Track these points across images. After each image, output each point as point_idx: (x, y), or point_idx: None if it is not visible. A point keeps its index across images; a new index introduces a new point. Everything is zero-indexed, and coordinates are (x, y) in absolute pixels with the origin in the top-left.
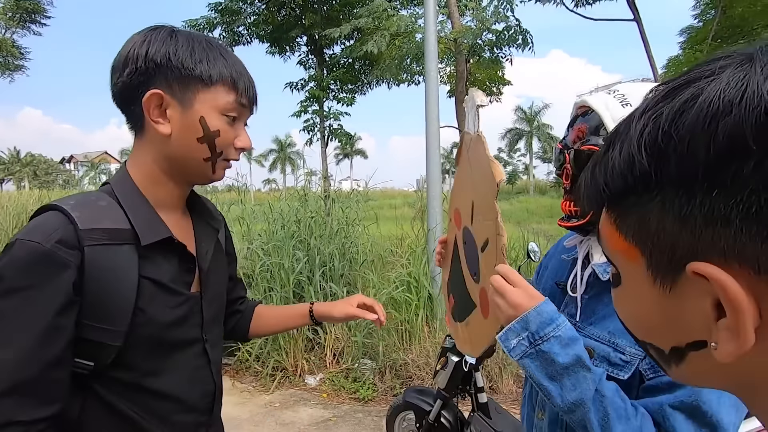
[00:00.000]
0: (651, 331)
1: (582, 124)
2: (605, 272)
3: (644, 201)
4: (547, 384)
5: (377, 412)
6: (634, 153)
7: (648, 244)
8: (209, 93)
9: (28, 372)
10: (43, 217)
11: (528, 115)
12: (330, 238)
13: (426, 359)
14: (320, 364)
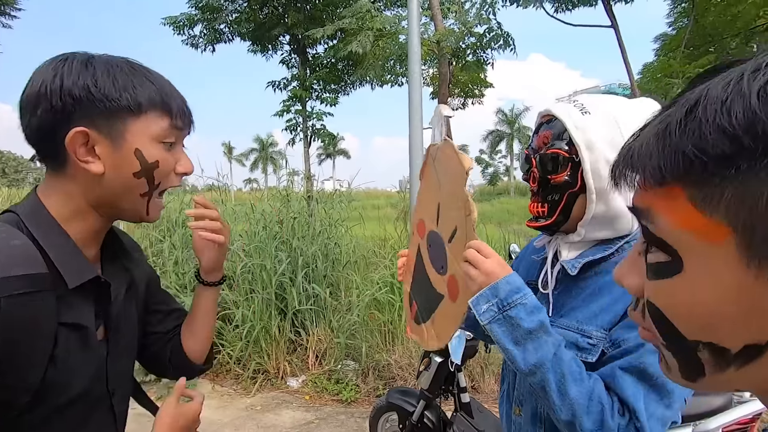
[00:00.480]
0: (718, 326)
1: (547, 130)
2: (573, 267)
3: (753, 168)
4: (511, 348)
5: (360, 413)
6: (755, 109)
7: (747, 220)
8: (140, 122)
9: None
10: None
11: (509, 118)
12: (313, 239)
13: (409, 360)
14: (302, 366)
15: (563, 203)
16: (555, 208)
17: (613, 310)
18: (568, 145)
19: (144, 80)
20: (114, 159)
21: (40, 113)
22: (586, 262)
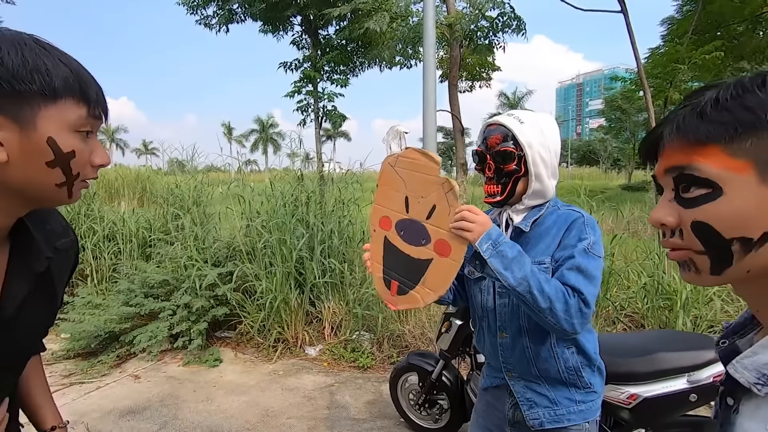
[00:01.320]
0: (747, 224)
1: (496, 134)
2: (526, 226)
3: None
4: (503, 271)
5: (376, 378)
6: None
7: (760, 157)
8: (55, 108)
9: None
10: None
11: (511, 101)
12: (326, 217)
13: (421, 330)
14: (318, 337)
15: (510, 185)
16: (505, 188)
17: (552, 245)
18: (514, 144)
19: (58, 62)
20: (22, 146)
21: None
22: (533, 220)
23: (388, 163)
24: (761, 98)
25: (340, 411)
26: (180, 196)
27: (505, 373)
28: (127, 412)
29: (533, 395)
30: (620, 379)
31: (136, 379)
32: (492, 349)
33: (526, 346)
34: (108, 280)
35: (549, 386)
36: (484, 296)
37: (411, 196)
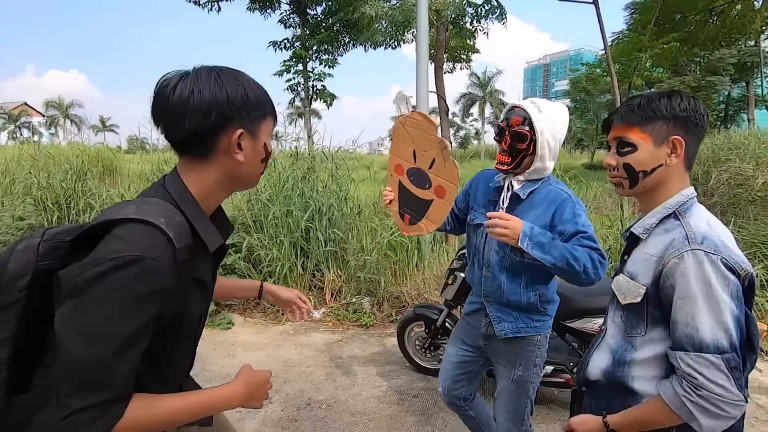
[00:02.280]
0: (648, 162)
1: (518, 116)
2: (524, 193)
3: (661, 115)
4: (544, 256)
5: (378, 334)
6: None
7: (655, 133)
8: (266, 123)
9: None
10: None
11: (481, 81)
12: (325, 191)
13: (417, 291)
14: (321, 302)
15: (519, 159)
16: (514, 160)
17: (543, 217)
18: (530, 129)
19: (264, 92)
20: (252, 151)
21: (214, 117)
22: (530, 190)
23: (399, 122)
24: (659, 105)
25: (351, 360)
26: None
27: (484, 298)
28: None
29: (502, 314)
30: (593, 313)
31: None
32: (477, 279)
33: (502, 281)
34: None
35: (514, 310)
36: (478, 239)
37: (417, 150)
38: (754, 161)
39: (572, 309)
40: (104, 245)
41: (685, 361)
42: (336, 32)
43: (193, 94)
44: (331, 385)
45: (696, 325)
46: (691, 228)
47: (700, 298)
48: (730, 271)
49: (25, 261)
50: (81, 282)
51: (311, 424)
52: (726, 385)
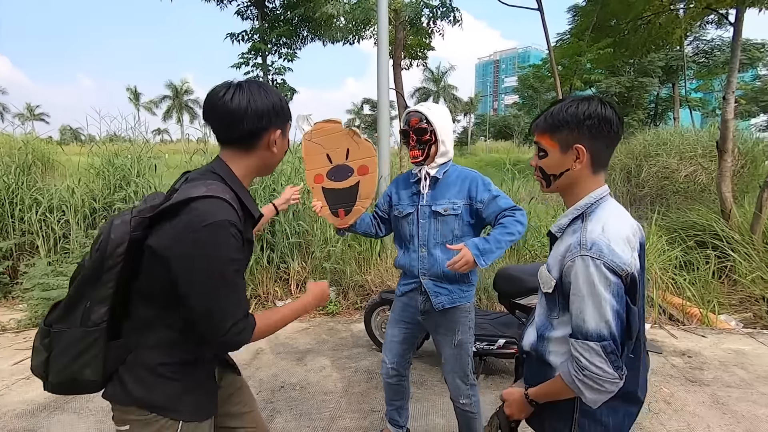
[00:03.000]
0: (556, 167)
1: (415, 117)
2: (441, 174)
3: (565, 127)
4: (497, 253)
5: (344, 321)
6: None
7: (562, 141)
8: (288, 125)
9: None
10: (218, 205)
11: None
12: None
13: (381, 279)
14: (287, 293)
15: (427, 149)
16: (424, 151)
17: (461, 193)
18: (427, 123)
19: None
20: (281, 146)
21: (264, 121)
22: (444, 171)
23: (306, 139)
24: (566, 114)
25: (320, 345)
26: (120, 167)
27: (420, 276)
28: None
29: (438, 289)
30: (533, 292)
31: None
32: (412, 261)
33: (436, 256)
34: (60, 251)
35: (447, 283)
36: (411, 227)
37: (330, 151)
38: (678, 156)
39: (521, 288)
40: (189, 215)
41: (575, 347)
42: (295, 26)
43: (249, 103)
44: (303, 369)
45: (583, 317)
46: (585, 233)
47: (586, 296)
48: (612, 272)
49: (122, 232)
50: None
51: (286, 405)
52: (603, 366)
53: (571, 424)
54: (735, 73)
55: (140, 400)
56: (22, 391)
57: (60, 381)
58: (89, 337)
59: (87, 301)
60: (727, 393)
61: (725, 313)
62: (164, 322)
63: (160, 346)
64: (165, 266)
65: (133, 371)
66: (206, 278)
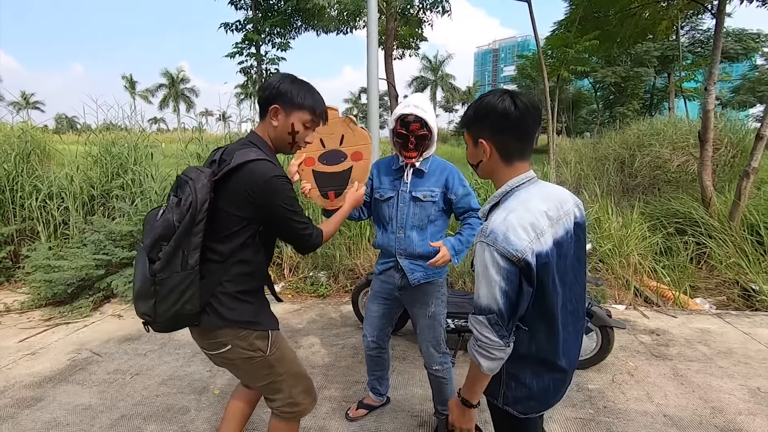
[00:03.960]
0: (473, 158)
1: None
2: (425, 167)
3: (474, 124)
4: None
5: (335, 303)
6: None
7: (472, 135)
8: (299, 113)
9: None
10: (269, 165)
11: (433, 64)
12: None
13: (370, 263)
14: (280, 276)
15: (421, 149)
16: (419, 151)
17: (439, 181)
18: (426, 129)
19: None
20: (281, 122)
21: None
22: (427, 165)
23: None
24: (470, 111)
25: (310, 325)
26: (117, 155)
27: (397, 255)
28: (124, 339)
29: (413, 266)
30: None
31: (119, 318)
32: (390, 241)
33: (412, 237)
34: (60, 236)
35: (422, 261)
36: (391, 210)
37: (324, 137)
38: (671, 146)
39: None
40: (252, 173)
41: (471, 321)
42: (289, 16)
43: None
44: (293, 346)
45: (478, 294)
46: (489, 222)
47: (481, 275)
48: (504, 258)
49: (205, 192)
50: (263, 192)
51: None
52: (490, 336)
53: (500, 382)
54: (717, 65)
55: (231, 320)
56: (28, 365)
57: (168, 317)
58: (188, 279)
59: (183, 249)
60: (687, 366)
61: (700, 297)
62: (237, 258)
63: (236, 278)
64: (240, 212)
65: (220, 300)
66: (281, 212)
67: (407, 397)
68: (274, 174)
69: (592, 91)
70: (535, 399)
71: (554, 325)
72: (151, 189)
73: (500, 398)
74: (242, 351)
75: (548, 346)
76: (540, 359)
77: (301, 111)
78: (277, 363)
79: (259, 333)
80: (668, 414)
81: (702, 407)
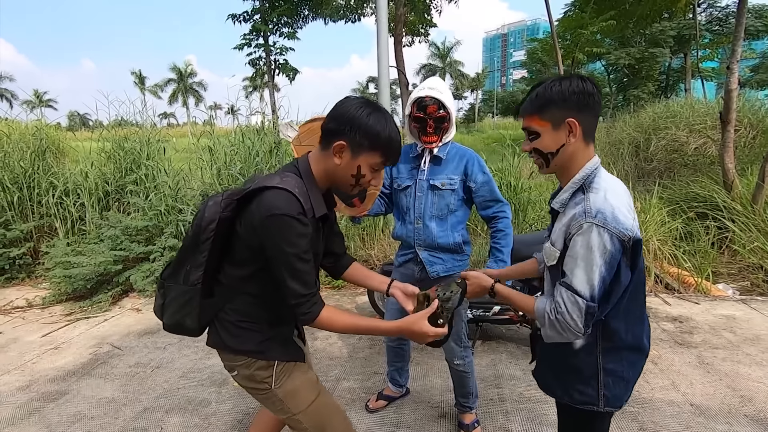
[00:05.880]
0: (552, 145)
1: (432, 104)
2: (443, 153)
3: (555, 105)
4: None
5: (350, 293)
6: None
7: (552, 118)
8: (369, 155)
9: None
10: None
11: (441, 51)
12: None
13: (384, 253)
14: None
15: (441, 133)
16: (438, 135)
17: (458, 169)
18: (444, 110)
19: (385, 128)
20: (346, 161)
21: (335, 124)
22: (445, 151)
23: (295, 145)
24: (551, 93)
25: None
26: (130, 150)
27: (416, 246)
28: (143, 333)
29: (433, 258)
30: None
31: (138, 312)
32: (409, 232)
33: (432, 228)
34: (77, 232)
35: (442, 253)
36: (408, 199)
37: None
38: (687, 129)
39: (517, 257)
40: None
41: (561, 293)
42: (296, 5)
43: (339, 106)
44: (310, 338)
45: (572, 277)
46: (590, 203)
47: (580, 258)
48: (614, 239)
49: (214, 211)
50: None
51: None
52: (577, 321)
53: (597, 386)
54: (740, 42)
55: (231, 347)
56: (52, 360)
57: (170, 323)
58: (188, 294)
59: (188, 264)
60: (713, 354)
61: (723, 282)
62: (246, 290)
63: (240, 308)
64: (249, 241)
65: (223, 324)
66: (273, 257)
67: (427, 388)
68: (282, 212)
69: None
70: (630, 390)
71: (644, 308)
72: (164, 183)
73: (600, 402)
74: (245, 380)
75: (640, 331)
76: (635, 346)
77: (372, 153)
78: (288, 399)
79: (262, 363)
80: (695, 403)
81: (730, 396)
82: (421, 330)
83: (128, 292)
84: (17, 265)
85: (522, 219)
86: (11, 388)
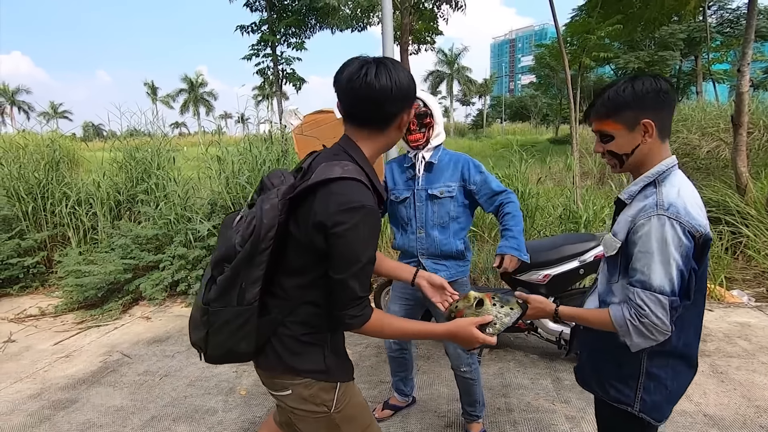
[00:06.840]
0: (627, 146)
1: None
2: (435, 159)
3: (629, 107)
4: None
5: None
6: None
7: (627, 120)
8: (408, 110)
9: None
10: (357, 188)
11: (449, 58)
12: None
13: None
14: None
15: (426, 131)
16: (425, 134)
17: (454, 176)
18: (425, 107)
19: (411, 83)
20: (404, 125)
21: (403, 103)
22: (437, 156)
23: (297, 134)
24: (624, 95)
25: None
26: (141, 160)
27: (419, 255)
28: (152, 341)
29: (437, 266)
30: (538, 266)
31: (147, 320)
32: (411, 242)
33: (434, 236)
34: (89, 241)
35: (445, 260)
36: (408, 210)
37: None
38: (699, 132)
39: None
40: (328, 197)
41: (639, 296)
42: (303, 15)
43: (395, 84)
44: None
45: (649, 273)
46: (662, 196)
47: (655, 253)
48: (687, 234)
49: (272, 216)
50: (330, 224)
51: None
52: (663, 319)
53: (636, 388)
54: (750, 44)
55: (292, 367)
56: (63, 368)
57: (220, 353)
58: (244, 315)
59: (242, 281)
60: (727, 363)
61: (737, 288)
62: (307, 299)
63: (303, 320)
64: (311, 244)
65: (282, 341)
66: (341, 254)
67: (433, 397)
68: (360, 203)
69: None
70: (671, 402)
71: (701, 320)
72: (174, 193)
73: (636, 404)
74: (303, 401)
75: (693, 339)
76: (683, 354)
77: (410, 104)
78: (344, 424)
79: (324, 384)
80: (708, 413)
81: (745, 406)
82: (472, 335)
83: (138, 300)
84: (31, 273)
85: (530, 225)
86: (23, 396)
